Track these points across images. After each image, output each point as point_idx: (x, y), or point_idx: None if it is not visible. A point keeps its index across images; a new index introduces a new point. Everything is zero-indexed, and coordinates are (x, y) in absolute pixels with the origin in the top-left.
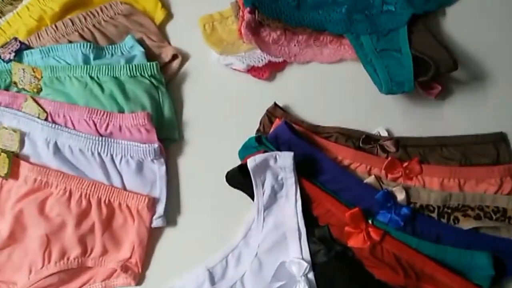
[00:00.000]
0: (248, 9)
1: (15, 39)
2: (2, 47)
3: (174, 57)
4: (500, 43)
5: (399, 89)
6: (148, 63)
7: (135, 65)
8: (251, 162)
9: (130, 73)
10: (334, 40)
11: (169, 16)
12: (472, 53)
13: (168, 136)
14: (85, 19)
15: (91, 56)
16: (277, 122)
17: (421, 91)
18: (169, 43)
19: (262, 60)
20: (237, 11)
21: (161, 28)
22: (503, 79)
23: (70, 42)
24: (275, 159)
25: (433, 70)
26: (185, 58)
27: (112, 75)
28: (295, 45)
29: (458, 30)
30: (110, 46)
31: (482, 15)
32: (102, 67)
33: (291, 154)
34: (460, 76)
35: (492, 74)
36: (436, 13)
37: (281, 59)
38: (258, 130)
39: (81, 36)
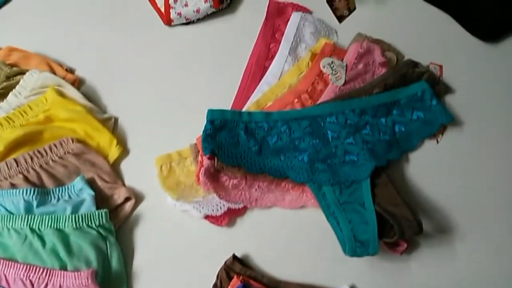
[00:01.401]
0: (207, 155)
1: None
2: None
3: (127, 199)
4: (466, 195)
5: (363, 251)
6: (97, 212)
7: (81, 215)
8: None
9: (76, 224)
10: (296, 187)
11: (124, 152)
12: (437, 203)
13: None
14: (32, 159)
15: (34, 203)
16: (235, 281)
17: (386, 249)
18: (123, 183)
19: (220, 208)
20: (196, 153)
21: (115, 165)
22: (470, 233)
23: (13, 185)
24: None
25: (397, 234)
26: (139, 199)
27: (55, 227)
28: (256, 190)
29: (422, 177)
30: (57, 189)
31: (447, 160)
32: (45, 218)
33: None
34: (426, 228)
35: (459, 227)
36: (400, 160)
37: (241, 205)
38: (215, 285)
39: (26, 178)
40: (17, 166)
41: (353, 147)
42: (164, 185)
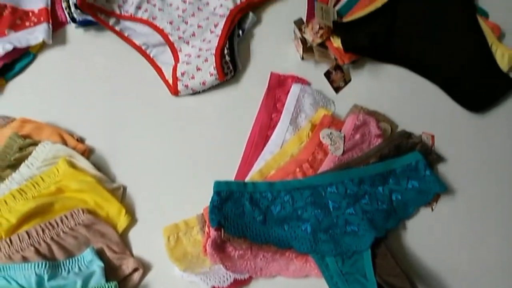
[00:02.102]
0: (214, 227)
1: None
2: None
3: (135, 269)
4: (462, 261)
5: None
6: (107, 285)
7: None
8: None
9: None
10: (300, 257)
11: (132, 221)
12: (434, 270)
13: None
14: (43, 231)
15: (46, 277)
16: None
17: None
18: (131, 252)
19: (227, 279)
20: (202, 223)
21: (123, 234)
22: None
23: (25, 258)
24: None
25: None
26: (146, 269)
27: None
28: (261, 259)
29: (418, 245)
30: (67, 261)
31: (442, 228)
32: None
33: None
34: None
35: None
36: (397, 228)
37: (246, 276)
38: None
39: (37, 250)
40: (29, 238)
41: (353, 218)
42: (172, 256)
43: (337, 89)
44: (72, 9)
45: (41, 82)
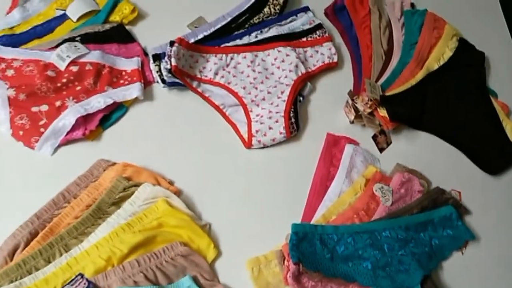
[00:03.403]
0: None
1: (81, 275)
2: (69, 283)
3: None
4: None
5: None
6: None
7: None
8: None
9: None
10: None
11: (218, 253)
12: None
13: None
14: (150, 260)
15: None
16: None
17: None
18: (218, 281)
19: None
20: (280, 258)
21: (211, 265)
22: None
23: (136, 282)
24: None
25: None
26: None
27: None
28: None
29: (453, 283)
30: (169, 286)
31: (470, 268)
32: None
33: None
34: None
35: None
36: (436, 268)
37: None
38: None
39: (145, 276)
40: (138, 266)
41: (405, 258)
42: (257, 285)
43: (381, 150)
44: (164, 73)
45: (132, 131)
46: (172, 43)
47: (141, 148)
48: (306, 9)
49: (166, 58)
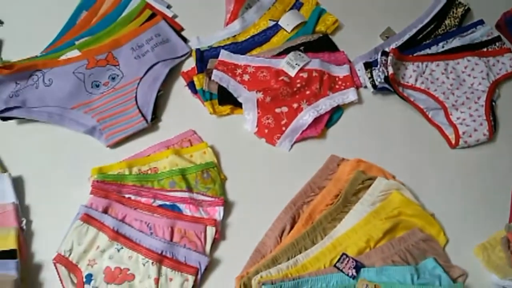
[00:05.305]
0: None
1: (346, 255)
2: (338, 261)
3: (460, 275)
4: None
5: None
6: (454, 285)
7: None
8: None
9: None
10: None
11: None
12: None
13: None
14: (400, 243)
15: (415, 278)
16: None
17: None
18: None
19: None
20: (505, 244)
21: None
22: None
23: (393, 261)
24: None
25: None
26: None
27: None
28: None
29: None
30: (421, 267)
31: None
32: None
33: None
34: None
35: None
36: None
37: None
38: None
39: (400, 257)
40: (393, 248)
41: None
42: (489, 267)
43: None
44: (378, 79)
45: (350, 130)
46: (384, 53)
47: (358, 145)
48: (481, 22)
49: (381, 66)
